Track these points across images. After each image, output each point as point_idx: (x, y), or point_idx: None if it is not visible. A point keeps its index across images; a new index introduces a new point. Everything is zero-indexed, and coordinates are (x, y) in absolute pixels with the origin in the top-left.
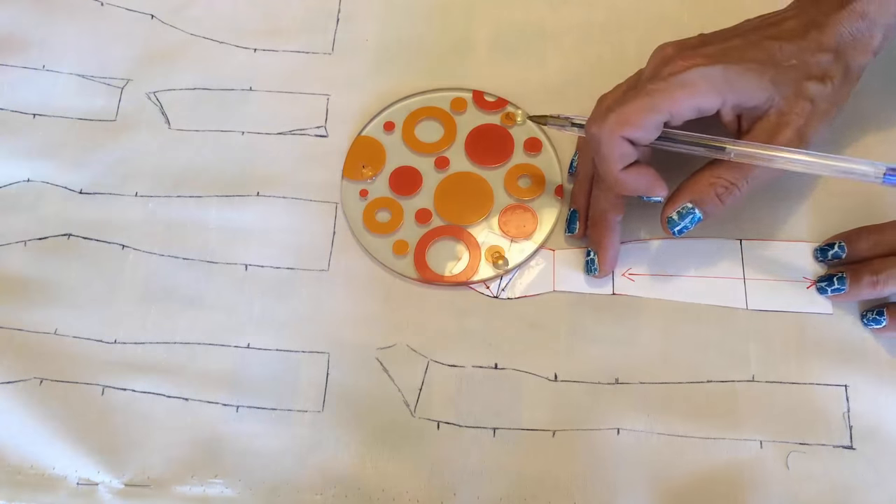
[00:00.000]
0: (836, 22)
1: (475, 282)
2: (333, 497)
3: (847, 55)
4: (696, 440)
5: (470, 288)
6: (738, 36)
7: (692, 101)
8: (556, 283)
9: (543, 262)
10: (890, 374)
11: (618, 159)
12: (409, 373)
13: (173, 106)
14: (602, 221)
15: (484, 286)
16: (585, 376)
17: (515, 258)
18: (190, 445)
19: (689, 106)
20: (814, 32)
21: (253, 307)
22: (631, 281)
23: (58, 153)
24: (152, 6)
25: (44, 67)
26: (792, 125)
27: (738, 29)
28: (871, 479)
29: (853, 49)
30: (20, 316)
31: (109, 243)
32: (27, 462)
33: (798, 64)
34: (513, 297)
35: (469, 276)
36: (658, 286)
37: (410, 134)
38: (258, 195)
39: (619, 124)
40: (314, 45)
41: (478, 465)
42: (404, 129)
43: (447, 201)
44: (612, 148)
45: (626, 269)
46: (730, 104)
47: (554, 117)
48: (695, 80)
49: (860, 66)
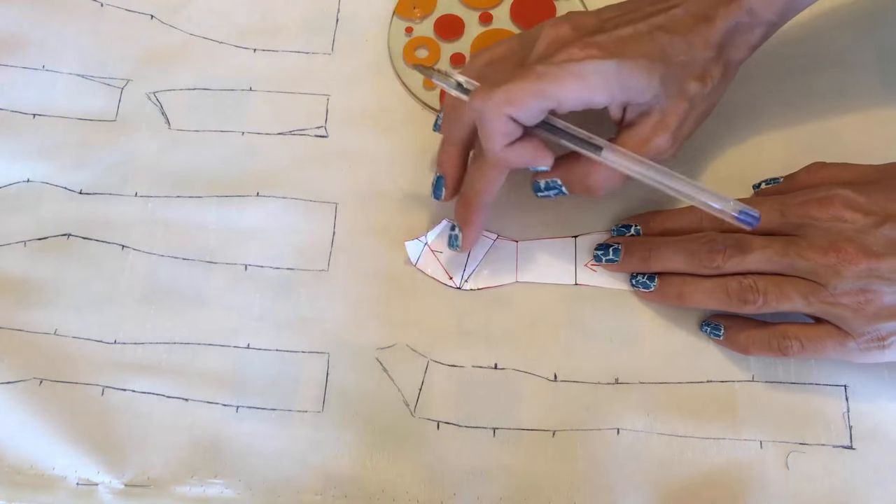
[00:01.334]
0: (723, 16)
1: None
2: (333, 497)
3: (728, 51)
4: (696, 440)
5: (436, 280)
6: (631, 23)
7: (582, 94)
8: (518, 275)
9: (505, 253)
10: (889, 374)
11: (501, 137)
12: (409, 373)
13: (173, 106)
14: (475, 201)
15: (446, 277)
16: (585, 376)
17: None
18: (190, 446)
19: (578, 98)
20: (702, 26)
21: (253, 307)
22: (593, 272)
23: (58, 153)
24: (152, 6)
25: (44, 67)
26: (670, 127)
27: (632, 11)
28: (871, 479)
29: (734, 45)
30: (20, 316)
31: (109, 243)
32: (27, 462)
33: (685, 61)
34: (475, 288)
35: None
36: (621, 276)
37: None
38: (258, 195)
39: (506, 103)
40: (314, 45)
41: (478, 465)
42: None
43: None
44: (496, 125)
45: (588, 260)
46: (618, 101)
47: (440, 72)
48: (588, 74)
49: (738, 61)
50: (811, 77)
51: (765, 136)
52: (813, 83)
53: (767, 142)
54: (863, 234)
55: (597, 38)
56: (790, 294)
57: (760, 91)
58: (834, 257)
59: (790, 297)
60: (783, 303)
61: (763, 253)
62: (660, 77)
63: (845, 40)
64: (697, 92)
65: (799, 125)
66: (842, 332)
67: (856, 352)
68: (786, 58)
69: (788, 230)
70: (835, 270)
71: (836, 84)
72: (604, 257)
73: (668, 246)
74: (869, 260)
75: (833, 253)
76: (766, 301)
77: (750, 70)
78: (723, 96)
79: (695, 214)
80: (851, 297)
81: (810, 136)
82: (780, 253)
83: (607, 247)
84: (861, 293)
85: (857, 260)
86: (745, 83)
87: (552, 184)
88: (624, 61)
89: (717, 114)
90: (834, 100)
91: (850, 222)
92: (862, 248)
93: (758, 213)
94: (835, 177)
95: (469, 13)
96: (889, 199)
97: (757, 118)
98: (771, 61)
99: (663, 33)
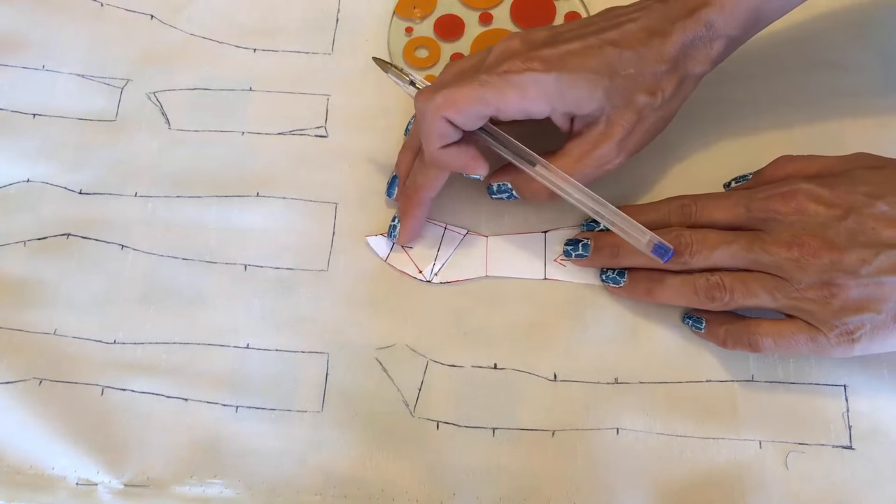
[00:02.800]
0: (680, 30)
1: None
2: (333, 497)
3: (685, 65)
4: (695, 440)
5: (406, 275)
6: (581, 38)
7: (521, 105)
8: (488, 269)
9: (476, 248)
10: (889, 374)
11: (437, 137)
12: (409, 373)
13: (173, 106)
14: (414, 195)
15: (416, 270)
16: (585, 376)
17: None
18: (189, 446)
19: (517, 108)
20: (656, 40)
21: (252, 307)
22: (562, 266)
23: (58, 153)
24: (152, 6)
25: (44, 67)
26: (614, 137)
27: (585, 27)
28: (871, 479)
29: (692, 59)
30: (20, 316)
31: (109, 243)
32: (27, 462)
33: (635, 74)
34: (445, 281)
35: None
36: (591, 271)
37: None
38: (258, 195)
39: (445, 105)
40: (314, 45)
41: (477, 465)
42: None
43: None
44: (433, 126)
45: (558, 255)
46: (559, 111)
47: (397, 69)
48: (526, 85)
49: (698, 75)
50: (811, 77)
51: (765, 137)
52: (813, 83)
53: (768, 142)
54: (825, 227)
55: (542, 52)
56: (756, 290)
57: (760, 91)
58: (797, 251)
59: (756, 294)
60: (750, 299)
61: (728, 248)
62: (604, 89)
63: (845, 41)
64: (647, 104)
65: (799, 125)
66: (812, 327)
67: (827, 346)
68: (786, 58)
69: (754, 225)
70: (798, 265)
71: (836, 84)
72: (573, 253)
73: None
74: (832, 253)
75: (796, 247)
76: (732, 297)
77: (750, 70)
78: (679, 108)
79: (661, 210)
80: (816, 291)
81: (810, 137)
82: (745, 248)
83: (576, 242)
84: (826, 287)
85: (819, 253)
86: (745, 83)
87: (503, 187)
88: (563, 74)
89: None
90: (834, 100)
91: (812, 216)
92: (825, 241)
93: (671, 248)
94: (800, 170)
95: (469, 13)
96: (852, 191)
97: (757, 118)
98: (771, 61)
99: (613, 48)
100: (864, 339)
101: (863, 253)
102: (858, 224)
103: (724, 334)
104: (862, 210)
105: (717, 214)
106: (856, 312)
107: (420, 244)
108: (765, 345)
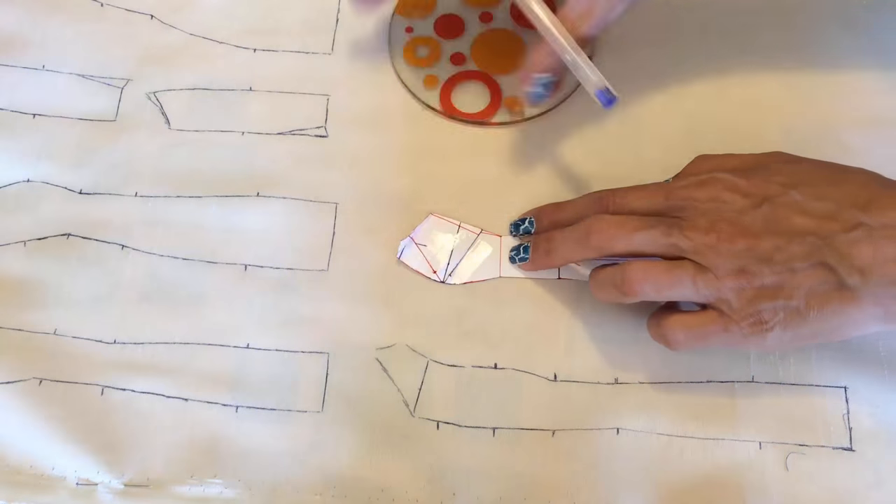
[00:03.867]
0: None
1: (492, 123)
2: (333, 497)
3: None
4: (695, 440)
5: (420, 274)
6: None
7: None
8: (502, 270)
9: (490, 248)
10: (889, 375)
11: None
12: (409, 373)
13: (173, 106)
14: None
15: (430, 270)
16: (585, 376)
17: (532, 110)
18: (189, 445)
19: None
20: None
21: (253, 307)
22: (577, 265)
23: (58, 153)
24: (152, 6)
25: (44, 67)
26: None
27: None
28: (871, 480)
29: None
30: (20, 316)
31: (109, 243)
32: (27, 462)
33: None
34: (459, 282)
35: (487, 116)
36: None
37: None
38: (258, 195)
39: None
40: (314, 45)
41: (478, 465)
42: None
43: (483, 50)
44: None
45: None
46: None
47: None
48: None
49: None
50: (811, 78)
51: (765, 137)
52: (813, 83)
53: (768, 143)
54: (741, 214)
55: None
56: (681, 277)
57: (761, 90)
58: (714, 237)
59: (681, 281)
60: (675, 289)
61: (648, 233)
62: None
63: (845, 41)
64: None
65: (799, 126)
66: (724, 315)
67: (739, 337)
68: (785, 58)
69: (672, 212)
70: (715, 251)
71: (836, 84)
72: (517, 258)
73: (562, 236)
74: (746, 239)
75: (713, 233)
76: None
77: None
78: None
79: (578, 204)
80: (732, 278)
81: (810, 137)
82: (665, 233)
83: (519, 247)
84: (741, 273)
85: (734, 240)
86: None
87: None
88: None
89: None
90: (834, 100)
91: (729, 202)
92: (740, 227)
93: (617, 96)
94: (718, 165)
95: (469, 11)
96: (768, 181)
97: (757, 118)
98: (770, 62)
99: None
100: (778, 328)
101: (776, 240)
102: (773, 211)
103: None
104: (776, 199)
105: (636, 203)
106: (769, 300)
107: (433, 244)
108: (677, 338)
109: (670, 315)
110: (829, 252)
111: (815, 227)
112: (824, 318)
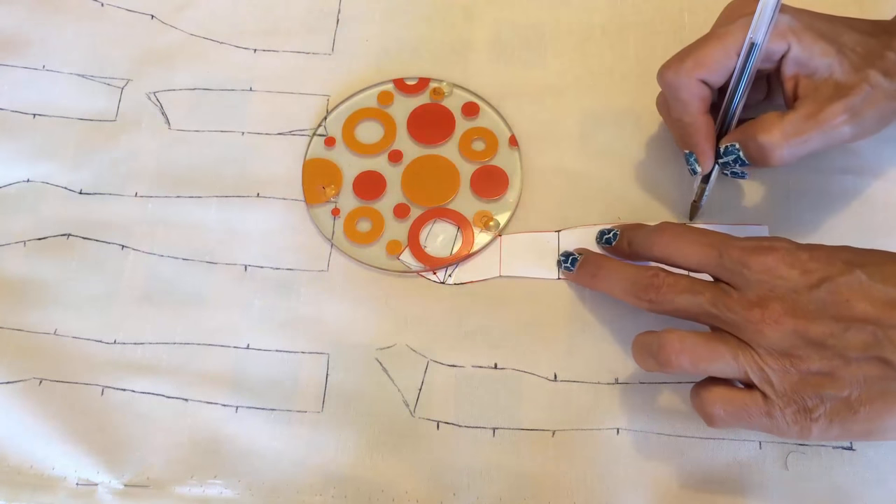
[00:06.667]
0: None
1: (476, 253)
2: (333, 497)
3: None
4: (695, 440)
5: (421, 276)
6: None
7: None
8: (501, 269)
9: (489, 247)
10: None
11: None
12: (409, 373)
13: (173, 106)
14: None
15: (431, 273)
16: (585, 376)
17: (503, 217)
18: (190, 446)
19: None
20: (884, 36)
21: (253, 308)
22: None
23: (58, 153)
24: (152, 6)
25: (44, 67)
26: (848, 99)
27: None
28: (871, 479)
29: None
30: (20, 316)
31: (109, 243)
32: (27, 462)
33: (863, 53)
34: (459, 282)
35: (470, 248)
36: None
37: (353, 141)
38: (258, 196)
39: (696, 66)
40: (314, 45)
41: (477, 465)
42: (345, 139)
43: (417, 189)
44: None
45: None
46: (793, 55)
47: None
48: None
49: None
50: None
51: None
52: None
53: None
54: (795, 293)
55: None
56: (721, 351)
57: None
58: (759, 314)
59: (721, 355)
60: (715, 363)
61: (694, 297)
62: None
63: None
64: (880, 82)
65: None
66: (768, 400)
67: (782, 424)
68: None
69: (723, 274)
70: (757, 328)
71: None
72: (563, 264)
73: (615, 269)
74: (796, 321)
75: (758, 309)
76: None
77: None
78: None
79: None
80: (776, 359)
81: None
82: (710, 302)
83: (569, 256)
84: (786, 357)
85: (782, 320)
86: None
87: (730, 149)
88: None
89: None
90: None
91: (784, 279)
92: (791, 307)
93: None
94: None
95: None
96: (832, 256)
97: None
98: None
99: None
100: (824, 420)
101: (832, 326)
102: (832, 294)
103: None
104: (837, 278)
105: (688, 249)
106: (815, 389)
107: (433, 245)
108: (717, 415)
109: (713, 388)
110: (890, 347)
111: (877, 315)
112: (879, 417)
